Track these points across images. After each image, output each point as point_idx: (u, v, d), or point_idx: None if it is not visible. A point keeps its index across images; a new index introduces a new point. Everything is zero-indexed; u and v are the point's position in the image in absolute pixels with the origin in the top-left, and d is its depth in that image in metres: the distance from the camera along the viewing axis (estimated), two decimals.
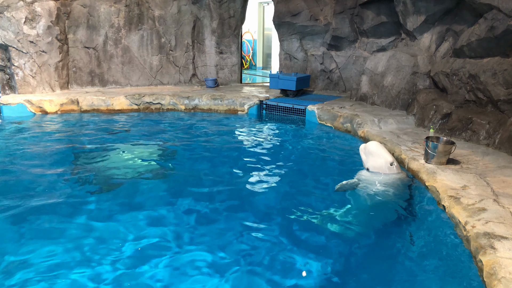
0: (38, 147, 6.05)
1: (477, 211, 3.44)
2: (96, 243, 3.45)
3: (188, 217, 3.97)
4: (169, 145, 6.42)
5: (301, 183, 5.01)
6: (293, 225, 3.85)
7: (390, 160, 4.71)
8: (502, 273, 2.55)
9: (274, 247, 3.46)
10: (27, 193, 4.38)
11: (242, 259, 3.27)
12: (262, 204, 4.32)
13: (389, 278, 3.10)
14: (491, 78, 5.64)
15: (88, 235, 3.59)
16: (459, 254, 3.19)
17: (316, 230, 3.78)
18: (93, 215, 3.93)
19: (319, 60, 10.51)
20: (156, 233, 3.64)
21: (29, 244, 3.42)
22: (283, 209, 4.21)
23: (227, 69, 11.56)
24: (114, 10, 9.85)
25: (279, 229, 3.77)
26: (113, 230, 3.67)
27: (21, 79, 8.68)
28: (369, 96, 8.37)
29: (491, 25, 5.62)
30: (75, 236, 3.56)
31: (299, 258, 3.28)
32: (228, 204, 4.30)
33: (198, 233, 3.68)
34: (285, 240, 3.57)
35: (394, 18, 8.36)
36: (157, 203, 4.25)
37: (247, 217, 4.00)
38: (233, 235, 3.64)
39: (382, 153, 4.77)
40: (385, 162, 4.70)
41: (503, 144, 5.30)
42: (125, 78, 10.35)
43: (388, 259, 3.35)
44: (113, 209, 4.08)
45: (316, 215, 4.04)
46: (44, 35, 8.76)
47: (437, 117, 6.42)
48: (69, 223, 3.77)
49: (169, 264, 3.17)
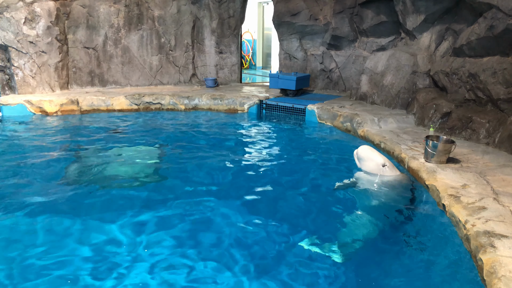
0: (38, 148, 6.05)
1: (477, 209, 3.44)
2: (94, 243, 3.45)
3: (187, 217, 3.97)
4: (169, 145, 6.42)
5: (301, 182, 5.01)
6: (292, 225, 3.85)
7: (382, 162, 4.73)
8: (502, 272, 2.55)
9: (273, 246, 3.46)
10: (26, 192, 4.39)
11: (240, 260, 3.28)
12: (262, 204, 4.32)
13: (389, 277, 3.10)
14: (490, 77, 5.65)
15: (87, 234, 3.59)
16: (459, 253, 3.20)
17: (316, 230, 3.78)
18: (93, 215, 3.93)
19: (318, 59, 10.51)
20: (156, 231, 3.65)
21: (25, 241, 3.42)
22: (283, 209, 4.22)
23: (227, 69, 11.56)
24: (114, 10, 9.85)
25: (279, 228, 3.77)
26: (111, 230, 3.67)
27: (21, 80, 8.68)
28: (369, 95, 8.37)
29: (491, 24, 5.63)
30: (73, 237, 3.57)
31: (297, 257, 3.29)
32: (227, 204, 4.29)
33: (197, 232, 3.67)
34: (284, 239, 3.57)
35: (393, 17, 8.36)
36: (156, 203, 4.24)
37: (246, 216, 4.00)
38: (231, 234, 3.64)
39: (372, 157, 4.81)
40: (376, 164, 4.73)
41: (503, 143, 5.30)
42: (125, 78, 10.35)
43: (388, 258, 3.36)
44: (113, 209, 4.09)
45: (316, 214, 4.04)
46: (43, 35, 8.76)
47: (437, 116, 6.42)
48: (68, 223, 3.76)
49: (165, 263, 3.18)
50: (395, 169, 4.82)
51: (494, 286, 2.50)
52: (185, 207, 4.16)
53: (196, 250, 3.35)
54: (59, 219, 3.83)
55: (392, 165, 4.83)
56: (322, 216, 4.08)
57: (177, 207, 4.17)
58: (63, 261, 3.18)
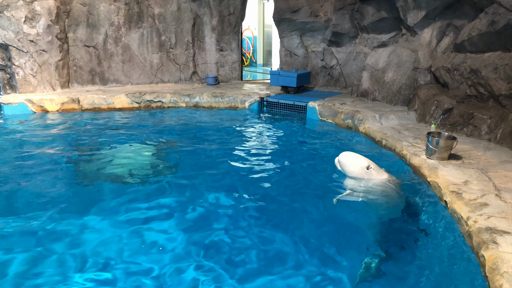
0: (39, 146, 6.05)
1: (479, 206, 3.44)
2: (94, 241, 3.46)
3: (187, 214, 3.98)
4: (170, 143, 6.42)
5: (302, 180, 5.00)
6: (293, 224, 3.85)
7: (366, 165, 4.49)
8: (505, 268, 2.55)
9: (272, 245, 3.47)
10: (27, 191, 4.40)
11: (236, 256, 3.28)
12: (263, 202, 4.32)
13: (390, 273, 3.10)
14: (492, 73, 5.62)
15: (86, 233, 3.60)
16: (461, 249, 3.19)
17: (315, 227, 3.79)
18: (93, 212, 3.94)
19: (319, 56, 10.49)
20: (155, 229, 3.65)
21: (25, 238, 3.43)
22: (283, 206, 4.22)
23: (227, 67, 11.54)
24: (114, 9, 9.83)
25: (278, 227, 3.77)
26: (113, 229, 3.68)
27: (21, 79, 8.68)
28: (370, 92, 8.36)
29: (492, 19, 5.60)
30: (75, 234, 3.57)
31: (295, 255, 3.29)
32: (227, 201, 4.30)
33: (195, 231, 3.68)
34: (282, 238, 3.58)
35: (394, 13, 8.33)
36: (158, 200, 4.25)
37: (247, 213, 4.01)
38: (230, 231, 3.65)
39: (355, 161, 4.56)
40: (361, 168, 4.49)
41: (504, 139, 5.29)
42: (125, 76, 10.34)
43: (389, 254, 3.36)
44: (113, 206, 4.09)
45: (315, 212, 4.04)
46: (44, 34, 8.75)
47: (439, 113, 6.41)
48: (69, 221, 3.77)
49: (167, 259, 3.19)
50: (381, 170, 4.59)
51: (496, 282, 2.50)
52: (186, 204, 4.17)
53: (196, 247, 3.37)
54: (60, 216, 3.83)
55: (377, 166, 4.58)
56: (322, 214, 4.09)
57: (178, 204, 4.18)
58: (63, 259, 3.19)
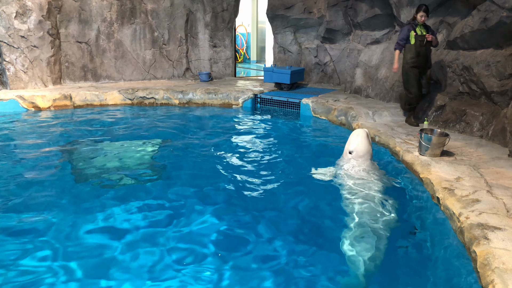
0: (30, 143, 6.00)
1: (471, 202, 3.46)
2: (90, 238, 3.45)
3: (182, 212, 3.97)
4: (162, 140, 6.39)
5: (295, 176, 5.00)
6: (287, 220, 3.86)
7: (350, 149, 4.55)
8: (496, 264, 2.57)
9: (270, 244, 3.47)
10: (20, 188, 4.36)
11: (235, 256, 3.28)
12: (257, 199, 4.31)
13: (383, 270, 3.11)
14: (484, 70, 5.66)
15: (84, 230, 3.57)
16: (453, 245, 3.22)
17: (311, 223, 3.80)
18: (87, 209, 3.91)
19: (313, 53, 10.49)
20: (152, 227, 3.64)
21: (20, 235, 3.40)
22: (277, 203, 4.22)
23: (221, 63, 11.51)
24: (106, 4, 9.74)
25: (274, 225, 3.78)
26: (107, 226, 3.66)
27: (12, 75, 8.59)
28: (363, 88, 8.38)
29: (484, 16, 5.63)
30: (63, 231, 3.55)
31: (291, 252, 3.30)
32: (221, 198, 4.30)
33: (194, 230, 3.67)
34: (277, 234, 3.58)
35: (387, 10, 8.34)
36: (151, 199, 4.23)
37: (241, 212, 4.01)
38: (226, 229, 3.65)
39: (350, 139, 4.62)
40: (346, 149, 4.55)
41: (496, 136, 5.33)
42: (118, 72, 10.27)
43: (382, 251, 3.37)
44: (106, 203, 4.07)
45: (309, 208, 4.05)
46: (35, 29, 8.65)
47: (431, 109, 6.44)
48: (59, 217, 3.74)
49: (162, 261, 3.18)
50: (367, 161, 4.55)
51: (487, 277, 2.52)
52: (179, 201, 4.15)
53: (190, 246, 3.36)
54: (52, 213, 3.80)
55: (370, 161, 4.50)
56: (315, 209, 4.10)
57: (171, 202, 4.16)
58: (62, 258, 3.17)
